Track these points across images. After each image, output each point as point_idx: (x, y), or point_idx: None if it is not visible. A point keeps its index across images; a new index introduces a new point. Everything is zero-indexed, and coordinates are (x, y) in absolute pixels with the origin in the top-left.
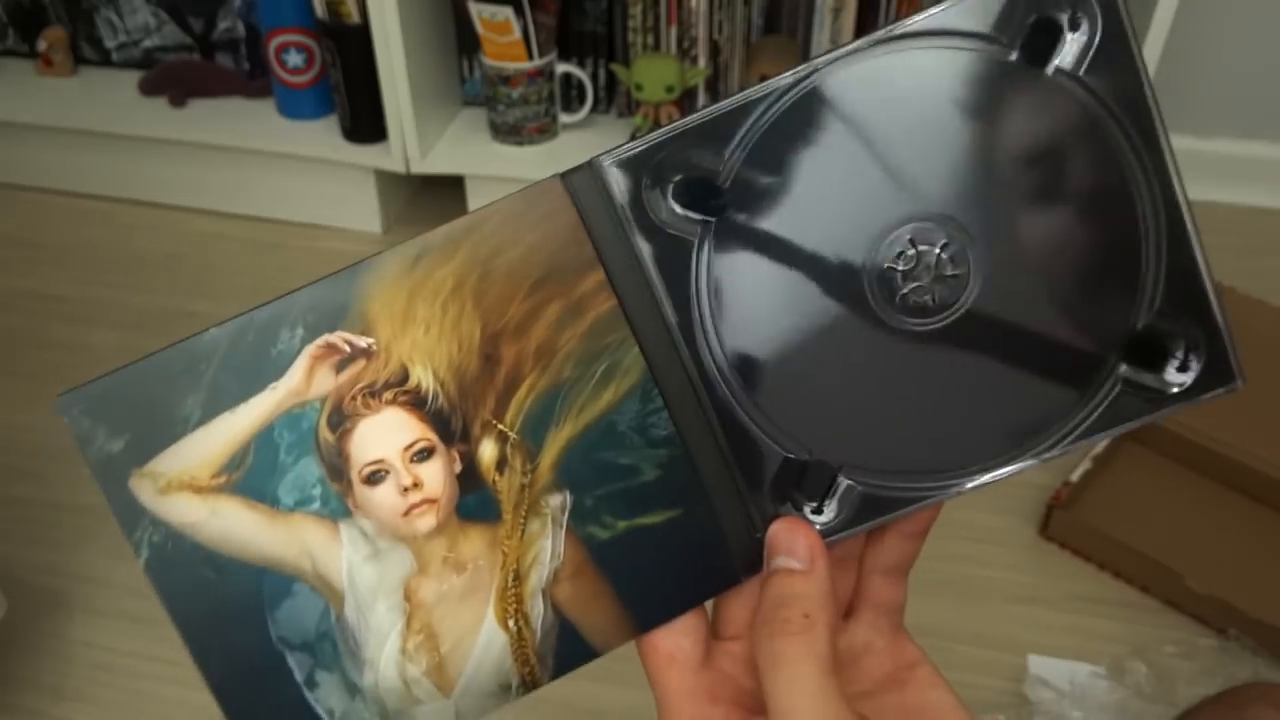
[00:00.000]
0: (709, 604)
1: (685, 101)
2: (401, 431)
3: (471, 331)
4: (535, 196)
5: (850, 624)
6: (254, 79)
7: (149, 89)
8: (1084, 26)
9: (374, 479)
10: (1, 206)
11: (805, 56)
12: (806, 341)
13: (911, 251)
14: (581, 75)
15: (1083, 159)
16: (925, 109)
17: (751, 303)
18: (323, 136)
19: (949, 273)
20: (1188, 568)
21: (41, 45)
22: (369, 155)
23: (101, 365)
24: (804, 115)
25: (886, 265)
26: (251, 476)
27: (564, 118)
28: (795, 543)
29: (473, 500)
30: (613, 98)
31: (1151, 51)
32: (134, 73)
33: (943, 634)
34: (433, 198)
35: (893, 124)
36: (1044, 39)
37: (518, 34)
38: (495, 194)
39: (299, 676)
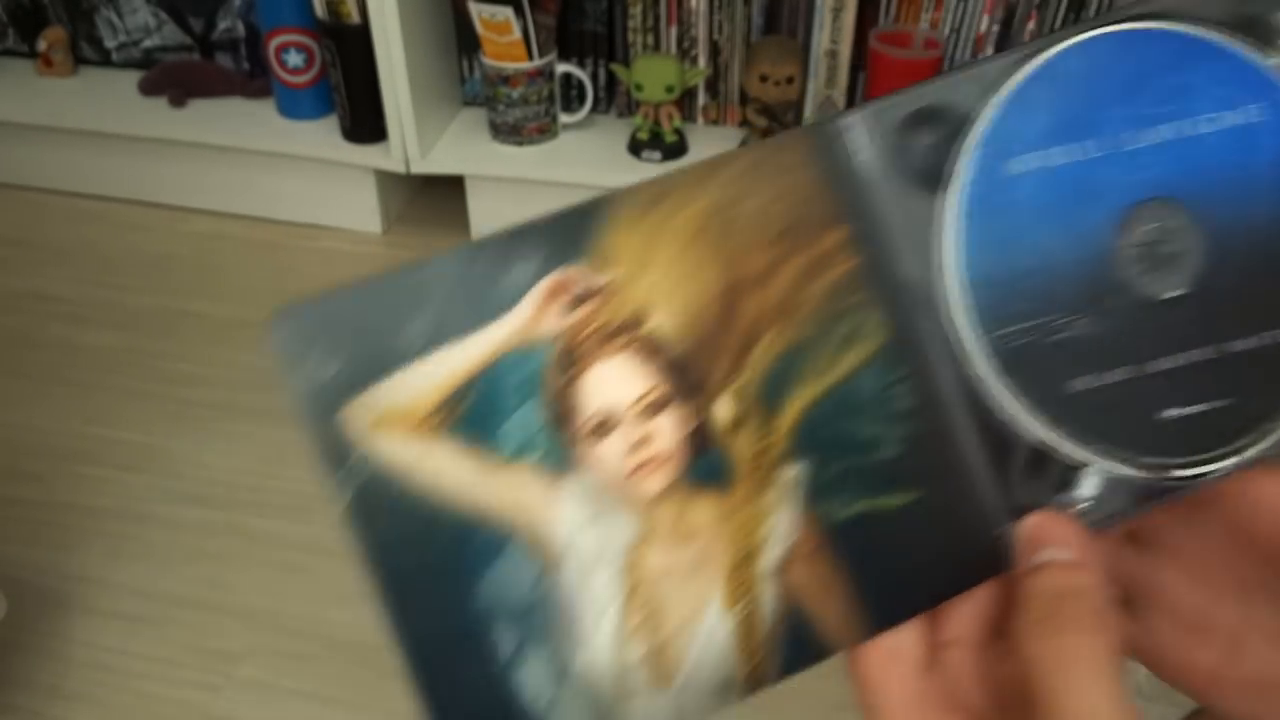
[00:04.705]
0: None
1: (685, 101)
2: (633, 381)
3: (713, 278)
4: (778, 148)
5: None
6: (254, 79)
7: (149, 89)
8: None
9: (601, 430)
10: (1, 206)
11: (805, 56)
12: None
13: (1150, 225)
14: (581, 75)
15: None
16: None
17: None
18: (322, 136)
19: (1175, 249)
20: None
21: (41, 45)
22: (369, 155)
23: (100, 365)
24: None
25: (1123, 242)
26: (470, 418)
27: (564, 118)
28: (1064, 534)
29: (703, 463)
30: (613, 98)
31: None
32: (134, 73)
33: None
34: (433, 198)
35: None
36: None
37: (518, 34)
38: (496, 194)
39: (505, 651)
